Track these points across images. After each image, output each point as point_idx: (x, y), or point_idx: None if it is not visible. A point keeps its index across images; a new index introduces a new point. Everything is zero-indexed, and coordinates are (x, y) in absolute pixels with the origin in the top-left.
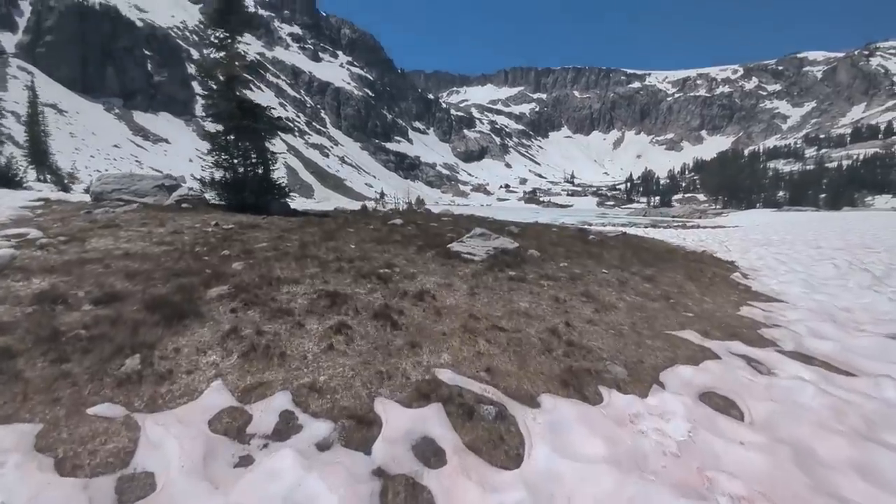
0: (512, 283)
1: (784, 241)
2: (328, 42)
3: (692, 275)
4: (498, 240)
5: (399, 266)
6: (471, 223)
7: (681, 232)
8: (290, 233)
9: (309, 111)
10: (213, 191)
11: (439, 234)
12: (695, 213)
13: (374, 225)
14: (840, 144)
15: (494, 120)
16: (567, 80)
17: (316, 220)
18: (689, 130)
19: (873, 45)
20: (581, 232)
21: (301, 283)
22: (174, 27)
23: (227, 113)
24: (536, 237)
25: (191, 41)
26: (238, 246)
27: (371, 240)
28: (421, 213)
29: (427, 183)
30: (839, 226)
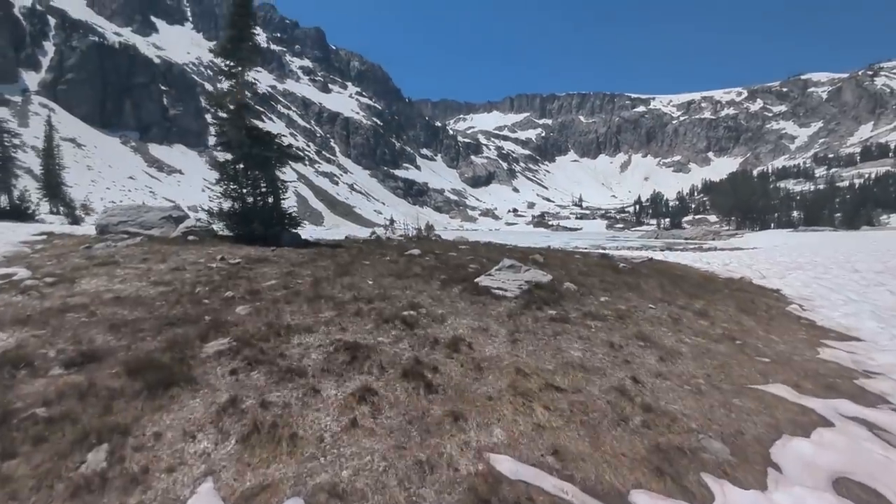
0: (555, 325)
1: (816, 263)
2: (338, 74)
3: (744, 307)
4: (528, 272)
5: (424, 306)
6: (490, 251)
7: (702, 255)
8: (301, 267)
9: (319, 140)
10: (222, 221)
11: (461, 265)
12: (708, 235)
13: (390, 256)
14: (850, 163)
15: (501, 146)
16: (572, 106)
17: (328, 252)
18: (695, 152)
19: (877, 66)
20: (605, 258)
21: (315, 331)
22: (189, 63)
23: (237, 141)
24: (563, 266)
25: (205, 76)
26: (244, 284)
27: (389, 273)
28: (436, 240)
29: (435, 208)
30: (865, 246)
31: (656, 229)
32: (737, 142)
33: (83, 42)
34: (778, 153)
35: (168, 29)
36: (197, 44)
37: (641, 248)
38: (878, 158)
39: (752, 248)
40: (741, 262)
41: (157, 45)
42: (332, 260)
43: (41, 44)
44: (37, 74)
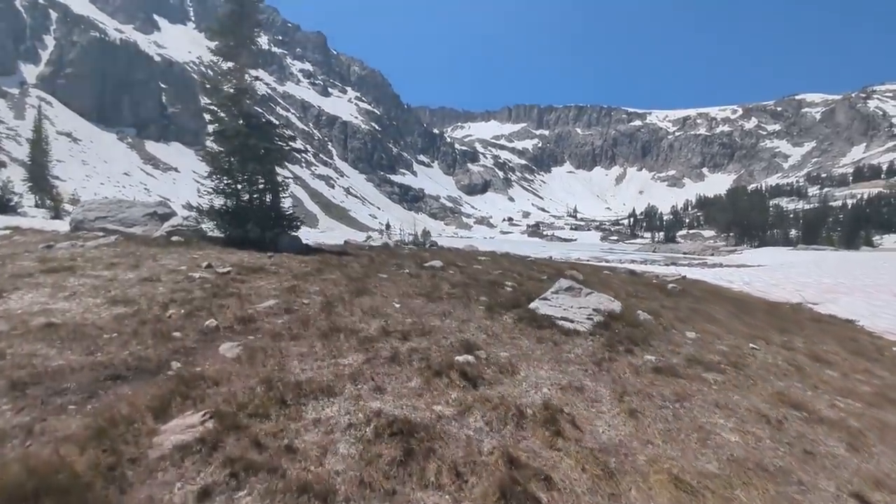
0: (668, 382)
1: (852, 287)
2: (338, 78)
3: (850, 347)
4: (592, 296)
5: (480, 345)
6: (514, 264)
7: (716, 272)
8: (305, 280)
9: (316, 143)
10: (212, 221)
11: (494, 281)
12: (707, 250)
13: (409, 268)
14: (843, 183)
15: (498, 154)
16: (569, 118)
17: (335, 260)
18: (690, 168)
19: (870, 89)
20: (636, 275)
21: (338, 393)
22: (190, 62)
23: (232, 130)
24: (607, 285)
25: (206, 75)
26: (233, 306)
27: (416, 293)
28: (451, 250)
29: (431, 215)
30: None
31: (651, 242)
32: (731, 158)
33: (84, 37)
34: (771, 171)
35: (170, 28)
36: (198, 43)
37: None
38: (870, 179)
39: (756, 266)
40: (762, 281)
41: (159, 44)
42: (341, 271)
43: (41, 37)
44: (35, 68)
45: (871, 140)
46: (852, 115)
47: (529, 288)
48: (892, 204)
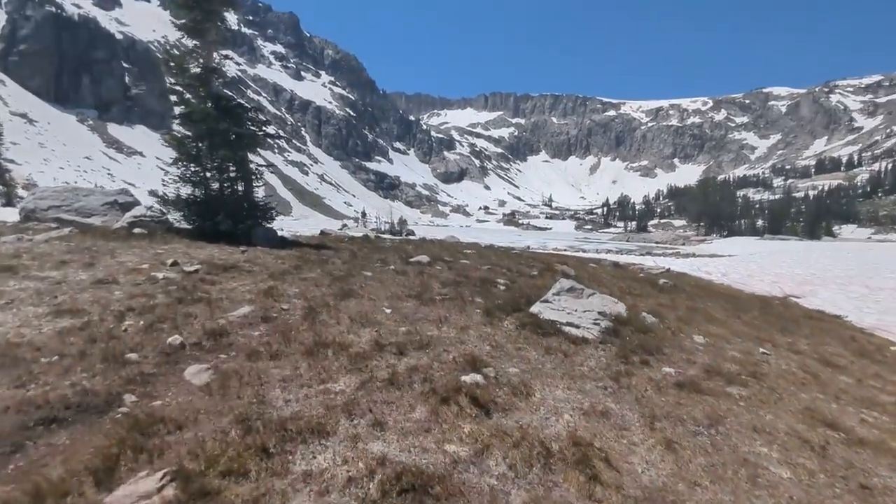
0: (694, 400)
1: (826, 278)
2: (311, 62)
3: (853, 347)
4: (595, 297)
5: (486, 360)
6: (501, 258)
7: (691, 262)
8: (284, 281)
9: (289, 129)
10: (179, 211)
11: (486, 279)
12: (678, 240)
13: (394, 264)
14: (805, 175)
15: (474, 143)
16: (545, 107)
17: (314, 256)
18: (662, 158)
19: (833, 83)
20: (621, 268)
21: (331, 432)
22: (155, 41)
23: (200, 113)
24: (597, 280)
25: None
26: (202, 314)
27: (406, 294)
28: (434, 242)
29: (407, 203)
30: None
31: (624, 232)
32: (701, 150)
33: (38, 12)
34: (739, 162)
35: (132, 4)
36: (163, 21)
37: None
38: (831, 172)
39: (728, 256)
40: (743, 274)
41: (121, 21)
42: (322, 269)
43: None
44: None
45: (832, 133)
46: (816, 108)
47: (522, 285)
48: (850, 195)
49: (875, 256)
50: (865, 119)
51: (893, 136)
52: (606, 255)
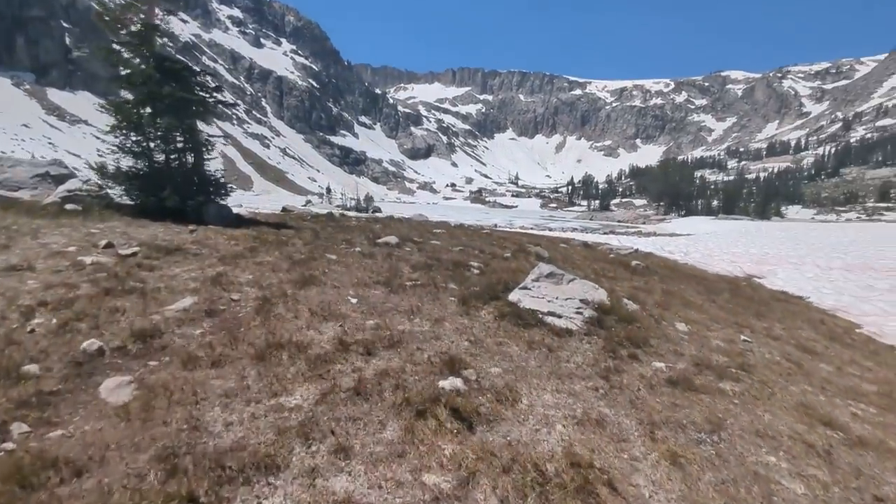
0: (687, 398)
1: (781, 257)
2: (271, 28)
3: (824, 332)
4: (575, 283)
5: (465, 359)
6: (473, 238)
7: (653, 241)
8: (236, 266)
9: (249, 99)
10: (120, 186)
11: (459, 262)
12: (639, 219)
13: (360, 246)
14: (757, 158)
15: (442, 118)
16: (513, 84)
17: (272, 236)
18: (625, 138)
19: (785, 69)
20: (590, 248)
21: (282, 465)
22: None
23: (140, 75)
24: (570, 261)
25: (106, 6)
26: (132, 309)
27: (374, 280)
28: (402, 221)
29: (373, 179)
30: (793, 237)
31: (587, 210)
32: (662, 131)
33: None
34: (697, 144)
35: None
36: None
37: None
38: (780, 155)
39: (686, 234)
40: (703, 253)
41: None
42: (280, 251)
43: None
44: None
45: (783, 118)
46: (769, 93)
47: (497, 269)
48: (797, 178)
49: (818, 236)
50: (813, 104)
51: (837, 122)
52: (573, 233)
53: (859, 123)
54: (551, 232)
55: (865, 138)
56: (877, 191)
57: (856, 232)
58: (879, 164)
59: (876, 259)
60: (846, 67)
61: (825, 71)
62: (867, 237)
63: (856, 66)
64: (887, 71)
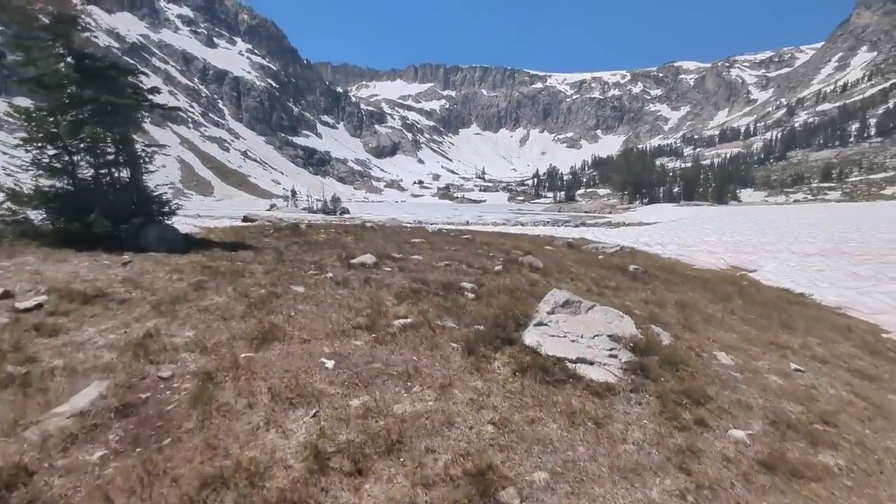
0: (795, 491)
1: (757, 245)
2: (224, 27)
3: (847, 337)
4: (595, 311)
5: (500, 467)
6: (458, 247)
7: (625, 232)
8: (174, 317)
9: (204, 101)
10: (38, 208)
11: (451, 285)
12: (605, 208)
13: (332, 270)
14: (711, 144)
15: (405, 115)
16: (475, 79)
17: (226, 263)
18: (586, 129)
19: (733, 58)
20: (574, 248)
21: None
22: None
23: (56, 77)
24: (562, 269)
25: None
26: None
27: (354, 323)
28: (374, 229)
29: (339, 179)
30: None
31: (554, 202)
32: (621, 121)
33: None
34: (654, 133)
35: None
36: None
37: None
38: (732, 141)
39: (654, 223)
40: (681, 244)
41: None
42: (235, 285)
43: None
44: None
45: (732, 105)
46: (718, 82)
47: (493, 289)
48: (748, 162)
49: (778, 220)
50: (759, 92)
51: (782, 108)
52: (545, 227)
53: (801, 109)
54: (523, 227)
55: (808, 122)
56: (819, 172)
57: (812, 213)
58: (821, 147)
59: (844, 242)
60: (787, 56)
61: (769, 59)
62: (824, 219)
63: (796, 54)
64: (824, 59)
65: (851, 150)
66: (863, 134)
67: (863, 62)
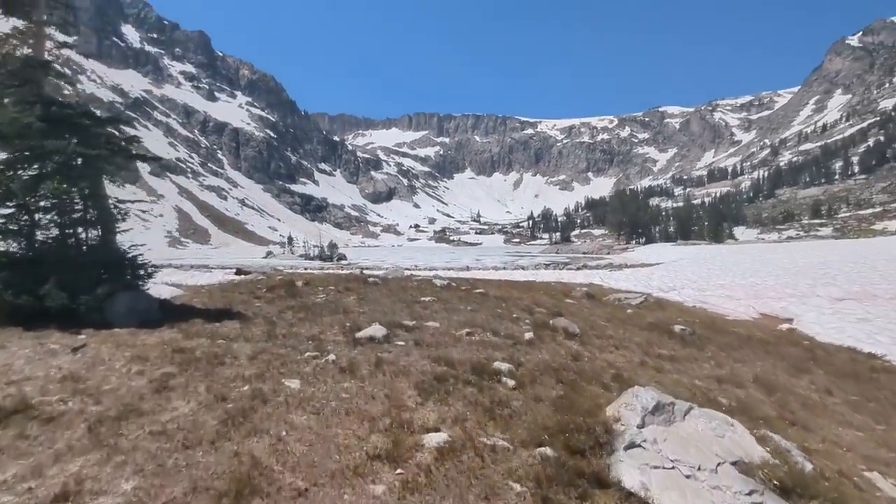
0: None
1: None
2: (225, 82)
3: None
4: (695, 417)
5: None
6: (472, 307)
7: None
8: (116, 444)
9: (204, 152)
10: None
11: (481, 367)
12: (603, 249)
13: (334, 349)
14: (700, 184)
15: (401, 162)
16: (468, 126)
17: (205, 341)
18: (577, 172)
19: (715, 102)
20: (596, 301)
21: None
22: None
23: (15, 128)
24: (600, 332)
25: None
26: None
27: (369, 450)
28: (377, 285)
29: (336, 225)
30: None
31: (550, 243)
32: (611, 163)
33: None
34: (644, 174)
35: (11, 19)
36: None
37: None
38: (720, 180)
39: (657, 263)
40: (694, 288)
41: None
42: (211, 379)
43: None
44: None
45: (717, 147)
46: (703, 125)
47: (533, 368)
48: (738, 200)
49: (783, 259)
50: (743, 133)
51: (766, 149)
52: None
53: (785, 148)
54: (524, 271)
55: (792, 161)
56: (809, 209)
57: (814, 252)
58: (808, 185)
59: (869, 284)
60: (767, 99)
61: (749, 103)
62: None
63: (774, 97)
64: (801, 101)
65: (837, 186)
66: (847, 171)
67: (839, 104)
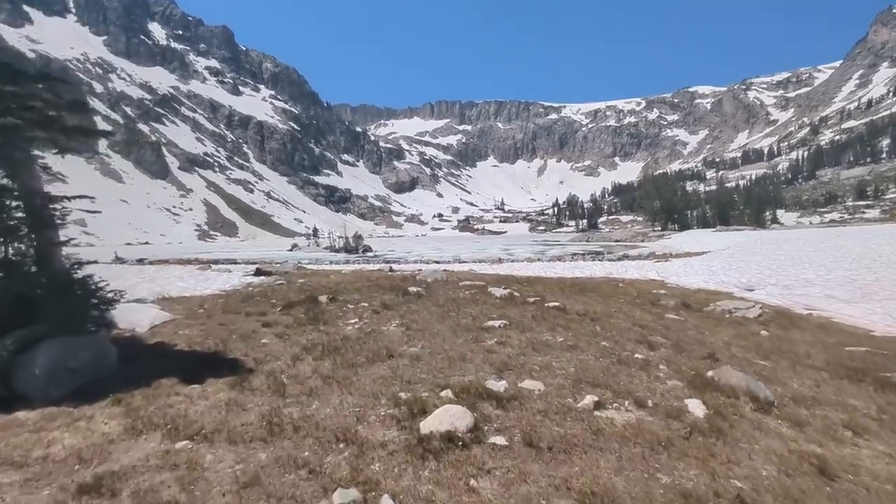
0: None
1: (860, 285)
2: (249, 76)
3: None
4: None
5: None
6: (560, 328)
7: (685, 265)
8: None
9: (230, 146)
10: None
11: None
12: (636, 237)
13: (388, 471)
14: (734, 167)
15: (423, 151)
16: (490, 113)
17: (154, 447)
18: (603, 157)
19: (749, 81)
20: (694, 312)
21: None
22: (74, 59)
23: None
24: (792, 394)
25: (93, 74)
26: None
27: None
28: (419, 295)
29: (359, 215)
30: (824, 249)
31: (576, 231)
32: (639, 147)
33: None
34: (673, 158)
35: (45, 20)
36: (84, 38)
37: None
38: (755, 162)
39: (703, 252)
40: (779, 286)
41: (32, 38)
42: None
43: None
44: None
45: (752, 127)
46: (736, 104)
47: None
48: (776, 183)
49: (848, 245)
50: (779, 112)
51: (805, 127)
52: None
53: (826, 127)
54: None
55: (834, 140)
56: (854, 190)
57: (870, 237)
58: (852, 165)
59: None
60: (805, 76)
61: (786, 80)
62: None
63: (814, 73)
64: (844, 76)
65: (884, 166)
66: (895, 149)
67: (885, 78)
